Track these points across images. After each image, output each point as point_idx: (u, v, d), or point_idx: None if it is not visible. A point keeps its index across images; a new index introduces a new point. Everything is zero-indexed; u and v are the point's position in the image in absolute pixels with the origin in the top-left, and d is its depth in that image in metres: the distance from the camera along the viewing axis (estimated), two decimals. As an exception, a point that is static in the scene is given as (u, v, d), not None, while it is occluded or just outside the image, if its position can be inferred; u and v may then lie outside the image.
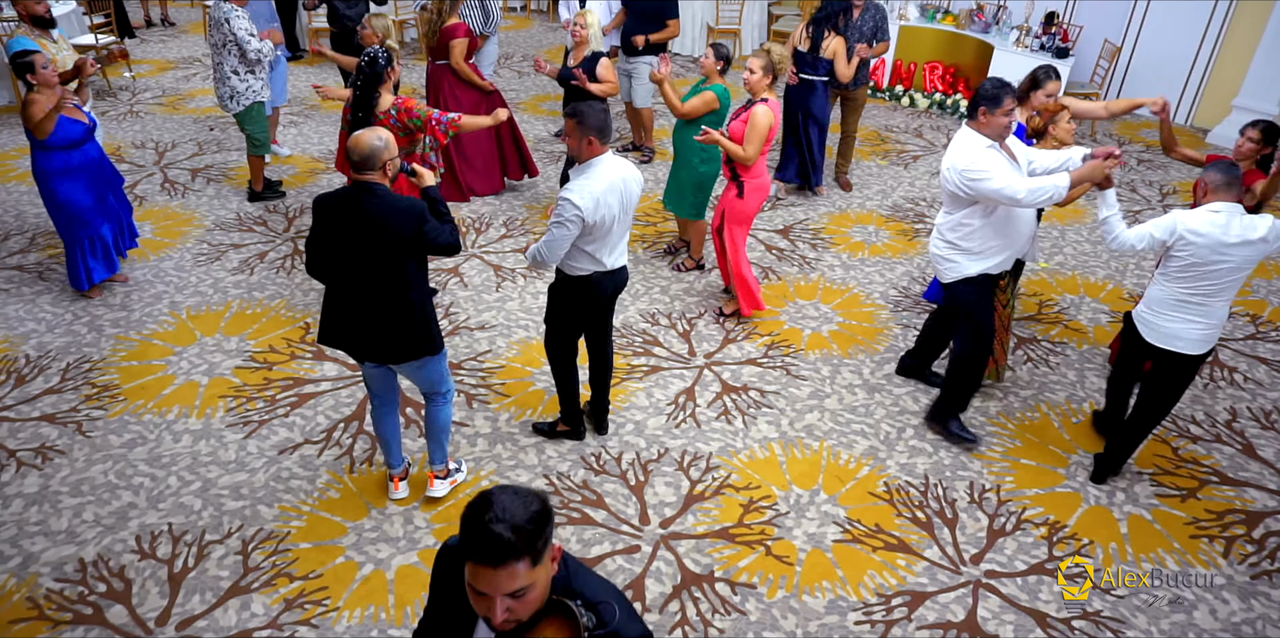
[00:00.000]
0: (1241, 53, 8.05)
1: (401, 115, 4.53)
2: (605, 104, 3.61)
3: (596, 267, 3.64)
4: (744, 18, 9.82)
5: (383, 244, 3.17)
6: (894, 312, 5.29)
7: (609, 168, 3.51)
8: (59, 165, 4.67)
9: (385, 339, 3.33)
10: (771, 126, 4.60)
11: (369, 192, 3.17)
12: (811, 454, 4.15)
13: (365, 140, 3.17)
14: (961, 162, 3.67)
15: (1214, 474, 4.14)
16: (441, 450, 3.76)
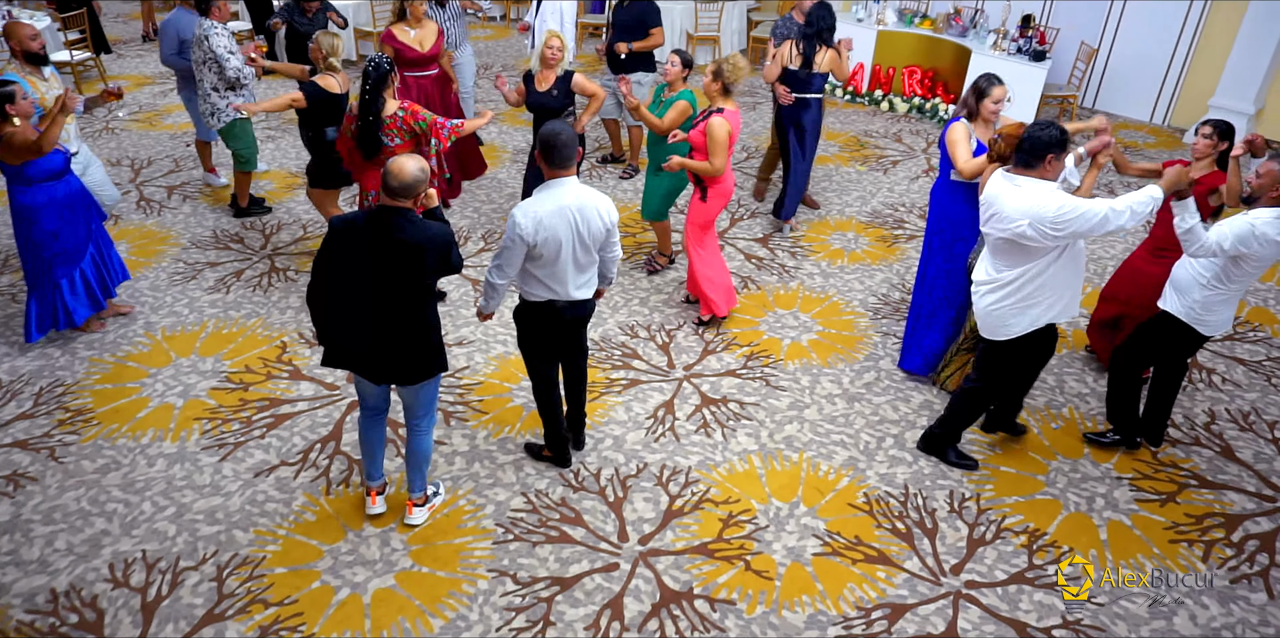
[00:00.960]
0: (1217, 53, 8.10)
1: (408, 119, 4.62)
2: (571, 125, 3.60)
3: (550, 294, 3.59)
4: (723, 24, 9.84)
5: (413, 270, 3.21)
6: (873, 319, 5.29)
7: (564, 193, 3.45)
8: (43, 199, 4.46)
9: (403, 360, 3.38)
10: (731, 134, 4.62)
11: (403, 217, 3.18)
12: (791, 466, 4.14)
13: (410, 170, 3.14)
14: (1048, 210, 3.34)
15: (1193, 478, 4.15)
16: (422, 479, 3.74)
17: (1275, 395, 4.73)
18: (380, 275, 3.21)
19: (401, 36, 6.09)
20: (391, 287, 3.24)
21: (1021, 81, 7.89)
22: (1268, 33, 7.64)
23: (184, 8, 6.03)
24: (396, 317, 3.29)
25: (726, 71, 4.62)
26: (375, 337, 3.32)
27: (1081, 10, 8.73)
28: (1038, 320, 3.68)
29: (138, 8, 12.01)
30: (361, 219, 3.22)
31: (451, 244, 3.29)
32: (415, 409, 3.58)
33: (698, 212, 4.83)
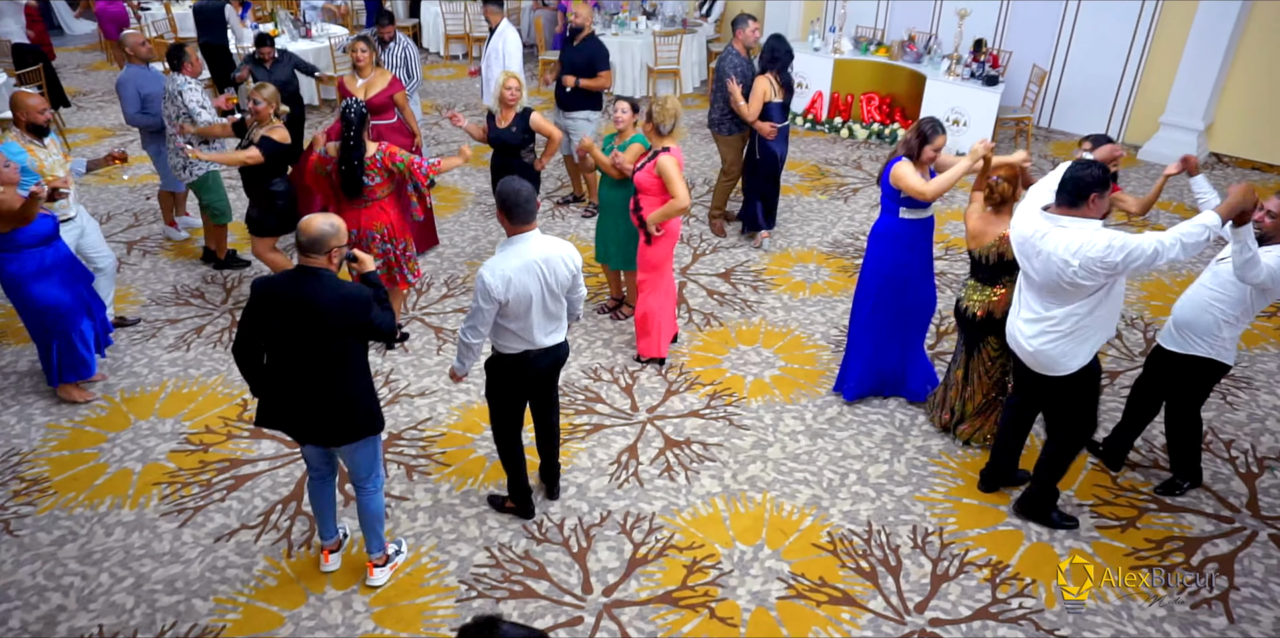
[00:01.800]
0: (1165, 72, 8.29)
1: (386, 160, 4.83)
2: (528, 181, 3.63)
3: (523, 345, 3.62)
4: (682, 57, 9.97)
5: (329, 331, 3.19)
6: (835, 352, 5.33)
7: (529, 248, 3.48)
8: (33, 266, 4.41)
9: (328, 422, 3.34)
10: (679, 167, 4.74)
11: (315, 276, 3.18)
12: (755, 507, 4.14)
13: (316, 224, 3.16)
14: (1097, 249, 3.23)
15: (1152, 502, 4.18)
16: (378, 539, 3.71)
17: (1231, 414, 4.79)
18: (295, 336, 3.20)
19: (349, 85, 6.19)
20: (311, 347, 3.21)
21: (976, 105, 8.05)
22: (1212, 51, 7.83)
23: (133, 64, 6.03)
24: (319, 377, 3.26)
25: (655, 114, 4.71)
26: (299, 397, 3.30)
27: (1032, 33, 8.91)
28: (1095, 347, 3.59)
29: (99, 57, 12.06)
30: (280, 279, 3.24)
31: (368, 306, 3.22)
32: (356, 471, 3.56)
33: (646, 257, 4.87)
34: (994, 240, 3.99)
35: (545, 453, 4.11)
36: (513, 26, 7.12)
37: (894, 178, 4.28)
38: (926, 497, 4.20)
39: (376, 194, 4.94)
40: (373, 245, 5.03)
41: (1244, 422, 4.73)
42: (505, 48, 6.85)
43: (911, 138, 4.28)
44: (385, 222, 5.04)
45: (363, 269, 3.44)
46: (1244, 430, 4.66)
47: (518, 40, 7.04)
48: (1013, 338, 3.71)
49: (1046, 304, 3.52)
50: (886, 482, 4.29)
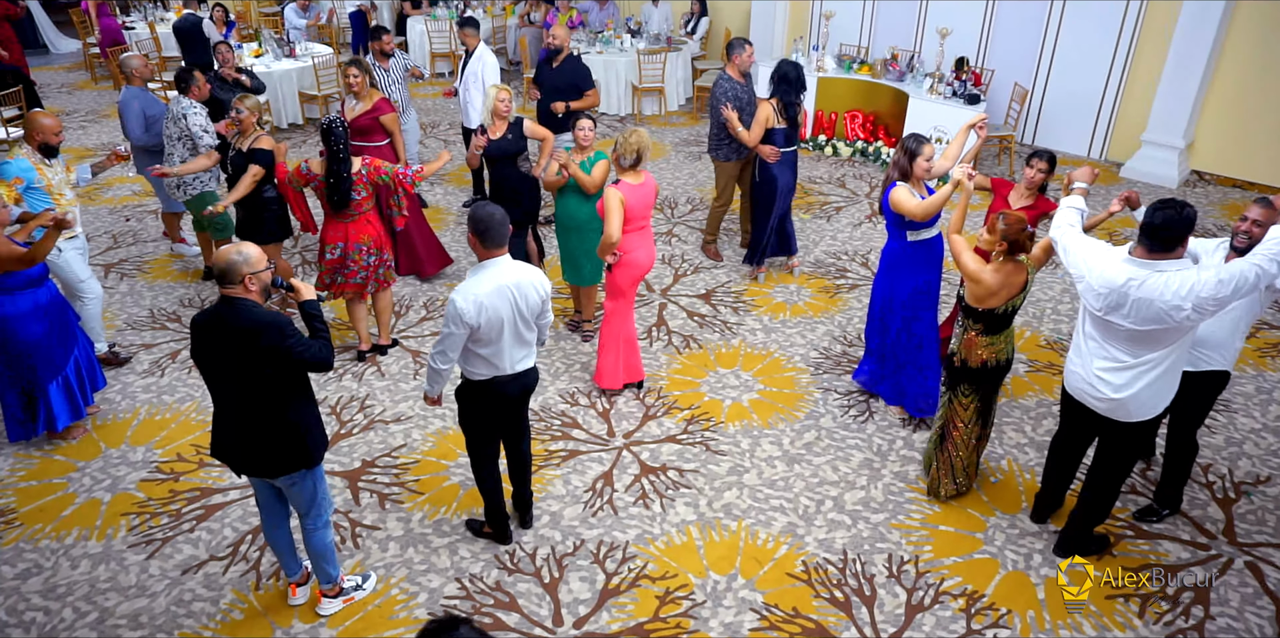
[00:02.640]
0: (1146, 90, 8.33)
1: (371, 174, 4.98)
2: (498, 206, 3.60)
3: (493, 371, 3.61)
4: (667, 75, 9.99)
5: (244, 358, 3.16)
6: (815, 375, 5.31)
7: (501, 272, 3.49)
8: (26, 307, 4.33)
9: (258, 452, 3.32)
10: (624, 203, 4.57)
11: (229, 305, 3.17)
12: (729, 536, 4.11)
13: (224, 255, 3.15)
14: (1207, 288, 3.17)
15: (1129, 528, 4.16)
16: (325, 572, 3.68)
17: (1209, 437, 4.77)
18: (222, 365, 3.20)
19: (342, 105, 6.21)
20: (234, 376, 3.20)
21: (958, 124, 8.07)
22: (1191, 70, 7.87)
23: (133, 86, 6.04)
24: (245, 405, 3.25)
25: (619, 147, 4.71)
26: (232, 425, 3.31)
27: (1014, 52, 8.96)
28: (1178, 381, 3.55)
29: (83, 76, 12.04)
30: (207, 311, 3.24)
31: (280, 331, 3.12)
32: (298, 507, 3.52)
33: (608, 282, 4.88)
34: (1019, 289, 3.76)
35: (517, 482, 4.09)
36: (490, 50, 7.14)
37: (894, 204, 4.39)
38: (903, 524, 4.17)
39: (362, 208, 5.03)
40: (360, 257, 5.10)
41: (1222, 446, 4.71)
42: (484, 72, 6.86)
43: (900, 158, 4.40)
44: (371, 234, 5.14)
45: (299, 298, 3.37)
46: (1222, 455, 4.64)
47: (496, 64, 7.05)
48: (1086, 392, 3.58)
49: (1138, 351, 3.40)
50: (863, 508, 4.27)
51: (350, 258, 5.10)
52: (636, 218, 4.71)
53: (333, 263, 5.13)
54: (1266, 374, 5.34)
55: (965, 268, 3.80)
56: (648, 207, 4.79)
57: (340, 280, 5.16)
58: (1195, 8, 7.68)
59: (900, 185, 4.39)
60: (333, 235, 5.09)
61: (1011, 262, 3.75)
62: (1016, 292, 3.78)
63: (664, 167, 8.65)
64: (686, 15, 11.15)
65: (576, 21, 10.96)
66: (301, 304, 3.38)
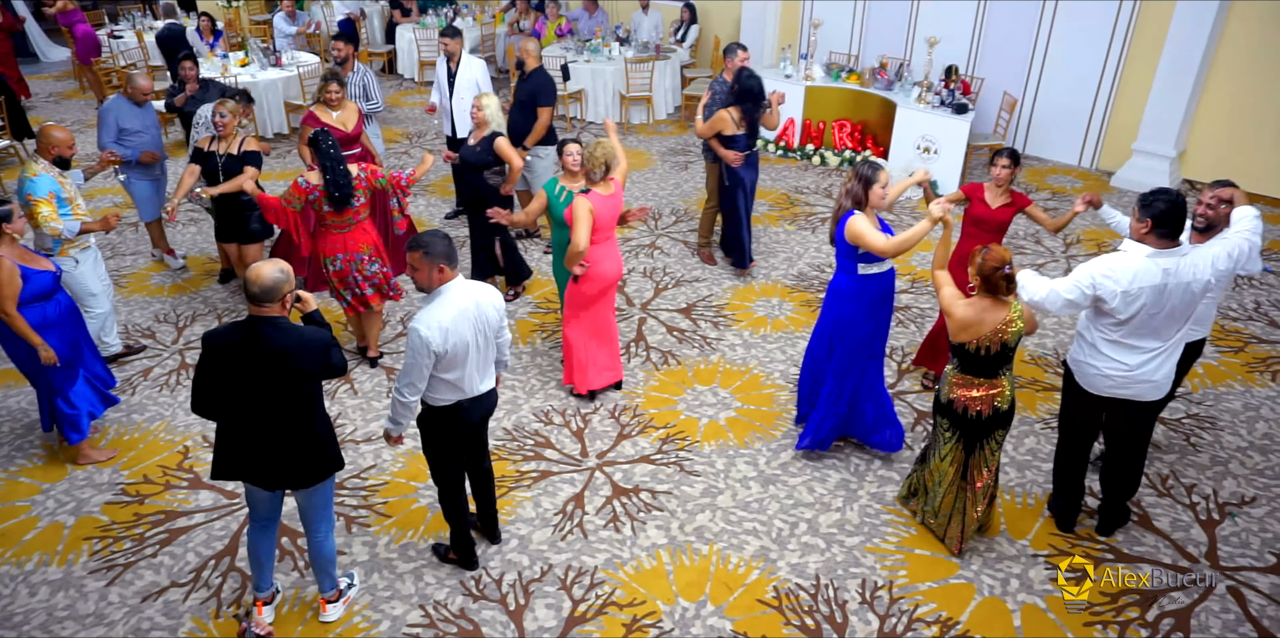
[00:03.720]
0: (1137, 99, 8.26)
1: (370, 178, 4.99)
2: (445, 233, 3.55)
3: (458, 395, 3.56)
4: (655, 84, 9.93)
5: (290, 377, 3.19)
6: (793, 392, 5.23)
7: (459, 294, 3.44)
8: (36, 321, 4.26)
9: (294, 466, 3.34)
10: (594, 212, 4.54)
11: (272, 325, 3.16)
12: (700, 560, 4.03)
13: (267, 272, 3.13)
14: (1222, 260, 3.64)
15: (1110, 551, 4.07)
16: (330, 579, 3.70)
17: (1193, 456, 4.69)
18: (259, 386, 3.19)
19: (324, 118, 6.14)
20: (272, 396, 3.22)
21: (947, 133, 8.00)
22: (1182, 80, 7.80)
23: (124, 96, 6.02)
24: (283, 424, 3.27)
25: (586, 161, 4.66)
26: (264, 445, 3.29)
27: (1004, 60, 8.89)
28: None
29: (72, 86, 11.99)
30: (233, 331, 3.21)
31: (328, 346, 3.25)
32: (310, 513, 3.53)
33: (571, 292, 4.82)
34: (993, 329, 3.58)
35: (482, 501, 4.03)
36: (476, 57, 7.08)
37: (851, 235, 4.09)
38: (878, 548, 4.09)
39: (359, 215, 5.02)
40: (363, 266, 5.09)
41: (1206, 465, 4.63)
42: (479, 78, 6.81)
43: (854, 186, 4.13)
44: (370, 243, 5.12)
45: (306, 309, 3.40)
46: (1206, 474, 4.56)
47: (484, 67, 7.00)
48: (1126, 388, 3.73)
49: (1168, 334, 3.68)
50: (838, 531, 4.19)
51: (355, 268, 5.07)
52: (604, 228, 4.65)
53: (338, 275, 5.08)
54: (1255, 390, 5.25)
55: (940, 300, 3.74)
56: (614, 217, 4.73)
57: (357, 293, 5.13)
58: (1187, 17, 7.61)
59: (858, 214, 4.10)
60: (331, 247, 5.02)
61: (991, 298, 3.61)
62: (990, 331, 3.57)
63: (650, 177, 8.59)
64: (676, 23, 11.10)
65: (565, 29, 10.91)
66: (308, 315, 3.40)
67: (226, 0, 11.20)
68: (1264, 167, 7.85)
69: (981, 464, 3.88)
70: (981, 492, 3.92)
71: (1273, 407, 5.09)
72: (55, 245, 4.95)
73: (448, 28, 6.88)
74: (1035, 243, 7.13)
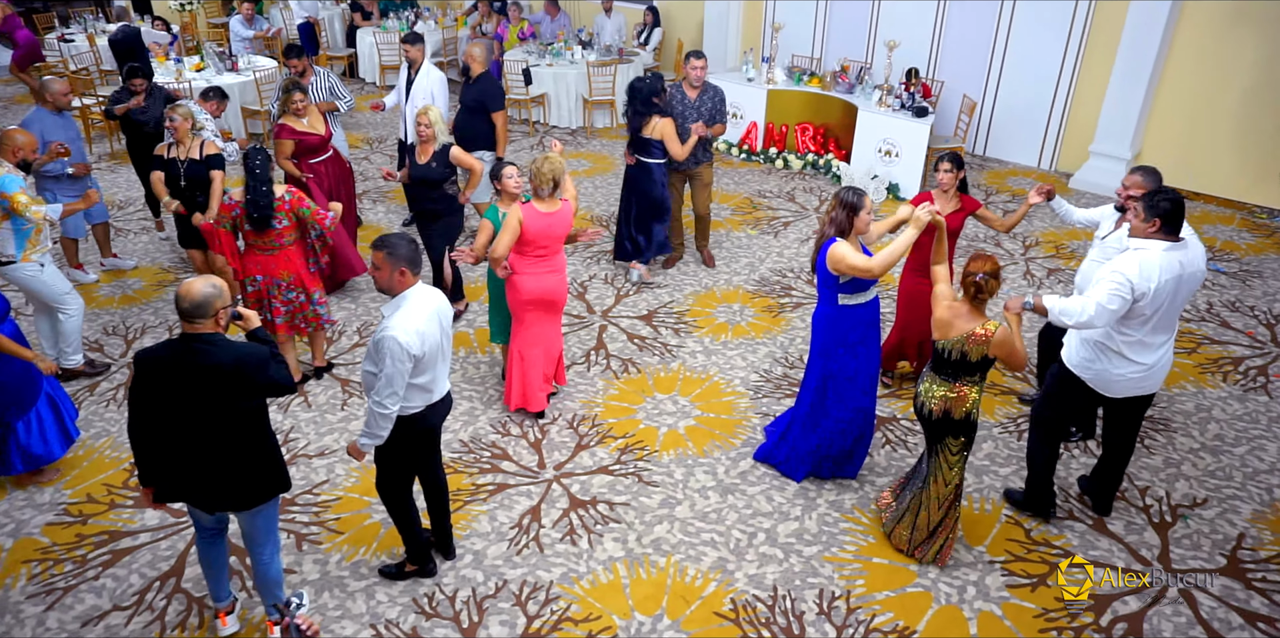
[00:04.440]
0: (1093, 102, 8.35)
1: (294, 202, 4.82)
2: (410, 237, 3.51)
3: (426, 399, 3.54)
4: (618, 87, 9.89)
5: (226, 395, 3.09)
6: (754, 398, 5.21)
7: (424, 298, 3.46)
8: None
9: (233, 488, 3.25)
10: (523, 224, 4.47)
11: (206, 342, 3.06)
12: (657, 573, 3.99)
13: (197, 288, 3.04)
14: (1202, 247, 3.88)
15: (1065, 556, 4.09)
16: (277, 599, 3.56)
17: (1147, 459, 4.73)
18: (194, 405, 3.09)
19: (297, 127, 6.01)
20: (210, 415, 3.11)
21: (907, 136, 8.04)
22: (1136, 82, 7.90)
23: (45, 108, 5.88)
24: (221, 444, 3.17)
25: (533, 177, 4.57)
26: (204, 466, 3.19)
27: (964, 63, 8.96)
28: None
29: (19, 90, 11.69)
30: (165, 349, 3.12)
31: (266, 362, 3.13)
32: (255, 536, 3.43)
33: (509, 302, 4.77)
34: (960, 336, 3.60)
35: (437, 514, 3.97)
36: (434, 65, 7.00)
37: (834, 262, 3.93)
38: (836, 557, 4.07)
39: (284, 238, 4.86)
40: (278, 293, 4.94)
41: (1160, 467, 4.67)
42: (435, 89, 6.73)
43: (838, 214, 3.96)
44: (291, 270, 4.96)
45: (248, 326, 3.31)
46: (1160, 476, 4.60)
47: (444, 79, 6.92)
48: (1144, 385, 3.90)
49: (1173, 325, 3.88)
50: (796, 541, 4.16)
51: (270, 293, 4.92)
52: (537, 244, 4.56)
53: (252, 296, 4.95)
54: (1207, 391, 5.32)
55: (934, 294, 3.79)
56: (556, 238, 4.60)
57: (267, 319, 4.96)
58: (1139, 18, 7.71)
59: (840, 241, 3.95)
60: (250, 267, 4.92)
61: (969, 305, 3.62)
62: (957, 335, 3.60)
63: (611, 182, 8.54)
64: (639, 26, 11.07)
65: (528, 33, 10.84)
66: (251, 333, 3.31)
67: (180, 4, 10.97)
68: (1217, 168, 7.97)
69: (939, 475, 3.87)
70: (937, 499, 3.91)
71: (1224, 407, 5.15)
72: (18, 252, 4.83)
73: (409, 34, 6.81)
74: (995, 246, 7.18)
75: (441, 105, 6.83)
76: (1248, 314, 6.15)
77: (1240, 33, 7.44)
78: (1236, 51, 7.50)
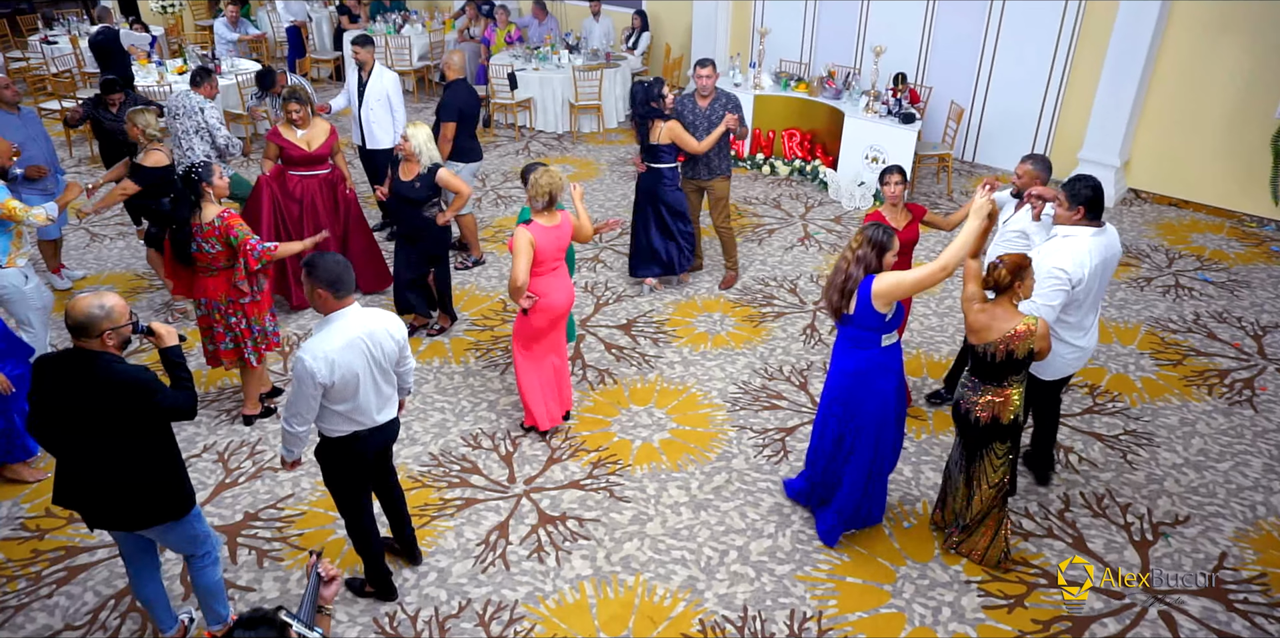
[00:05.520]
0: (1081, 109, 8.28)
1: (224, 228, 4.47)
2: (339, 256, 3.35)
3: (355, 426, 3.40)
4: (605, 92, 9.80)
5: (104, 413, 2.98)
6: (731, 411, 5.12)
7: (350, 324, 3.27)
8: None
9: (120, 505, 3.14)
10: (534, 245, 4.32)
11: (89, 360, 2.97)
12: (625, 592, 3.89)
13: (82, 307, 2.95)
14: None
15: (1043, 576, 4.00)
16: (216, 612, 3.53)
17: (1130, 474, 4.64)
18: (78, 418, 3.00)
19: (287, 134, 5.85)
20: (93, 430, 3.01)
21: (894, 143, 7.95)
22: (1124, 89, 7.83)
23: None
24: (107, 460, 3.06)
25: (529, 190, 4.40)
26: (89, 479, 3.10)
27: (953, 68, 8.88)
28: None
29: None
30: (58, 357, 3.03)
31: (146, 391, 2.99)
32: (177, 549, 3.37)
33: (520, 324, 4.60)
34: (1001, 336, 3.55)
35: (396, 522, 3.90)
36: (388, 68, 6.90)
37: (886, 294, 3.57)
38: (809, 576, 3.98)
39: (219, 262, 4.55)
40: (219, 318, 4.68)
41: (1142, 483, 4.59)
42: (389, 91, 6.63)
43: (866, 252, 3.60)
44: (229, 294, 4.63)
45: (161, 344, 3.17)
46: (1142, 493, 4.51)
47: (398, 80, 6.83)
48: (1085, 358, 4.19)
49: (1098, 307, 4.12)
50: (768, 559, 4.07)
51: (212, 318, 4.68)
52: (549, 260, 4.42)
53: (201, 320, 4.76)
54: (1191, 404, 5.23)
55: (964, 296, 3.71)
56: (561, 248, 4.48)
57: (211, 347, 4.75)
58: (1127, 24, 7.64)
59: (880, 274, 3.61)
60: (195, 289, 4.69)
61: (1005, 305, 3.60)
62: (997, 335, 3.56)
63: (597, 187, 8.45)
64: (627, 30, 10.99)
65: (515, 36, 10.76)
66: (164, 351, 3.17)
67: (163, 6, 10.88)
68: (1205, 176, 7.90)
69: (983, 478, 3.86)
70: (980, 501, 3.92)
71: (1208, 421, 5.07)
72: (2, 256, 4.76)
73: (359, 36, 6.75)
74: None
75: (397, 107, 6.74)
76: (1235, 325, 6.07)
77: (1228, 39, 7.37)
78: (1225, 58, 7.44)
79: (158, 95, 8.44)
